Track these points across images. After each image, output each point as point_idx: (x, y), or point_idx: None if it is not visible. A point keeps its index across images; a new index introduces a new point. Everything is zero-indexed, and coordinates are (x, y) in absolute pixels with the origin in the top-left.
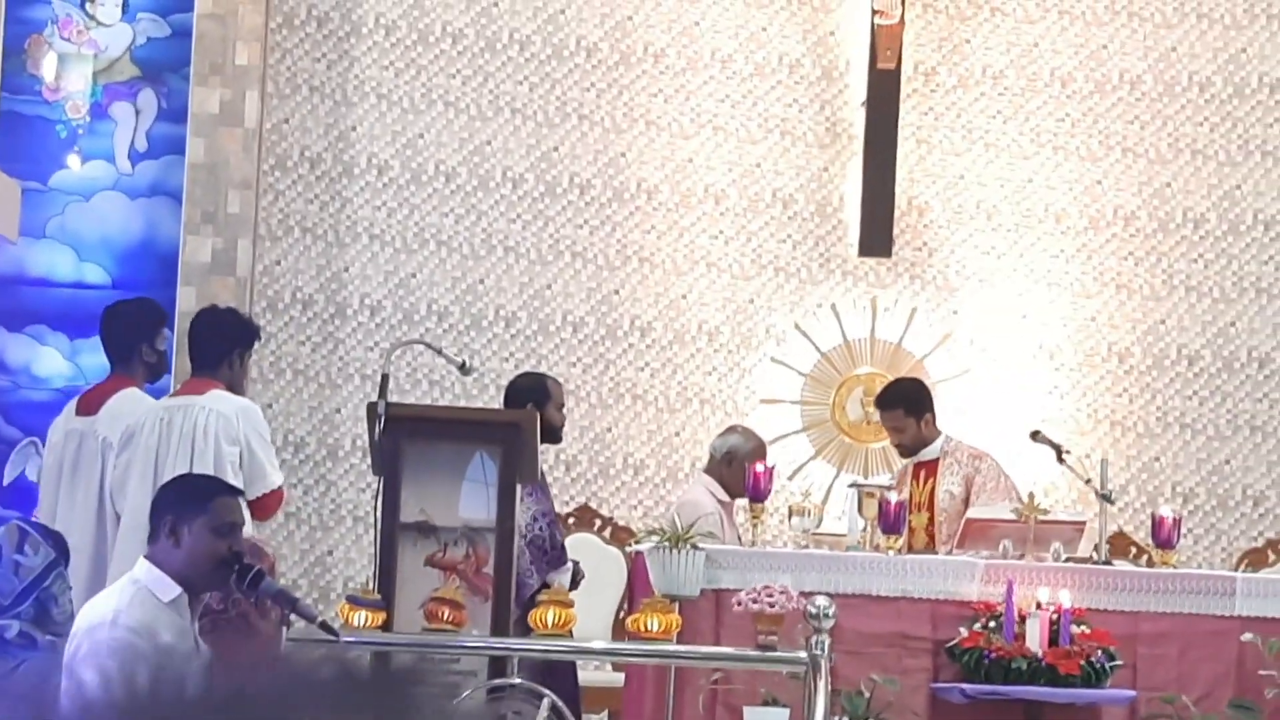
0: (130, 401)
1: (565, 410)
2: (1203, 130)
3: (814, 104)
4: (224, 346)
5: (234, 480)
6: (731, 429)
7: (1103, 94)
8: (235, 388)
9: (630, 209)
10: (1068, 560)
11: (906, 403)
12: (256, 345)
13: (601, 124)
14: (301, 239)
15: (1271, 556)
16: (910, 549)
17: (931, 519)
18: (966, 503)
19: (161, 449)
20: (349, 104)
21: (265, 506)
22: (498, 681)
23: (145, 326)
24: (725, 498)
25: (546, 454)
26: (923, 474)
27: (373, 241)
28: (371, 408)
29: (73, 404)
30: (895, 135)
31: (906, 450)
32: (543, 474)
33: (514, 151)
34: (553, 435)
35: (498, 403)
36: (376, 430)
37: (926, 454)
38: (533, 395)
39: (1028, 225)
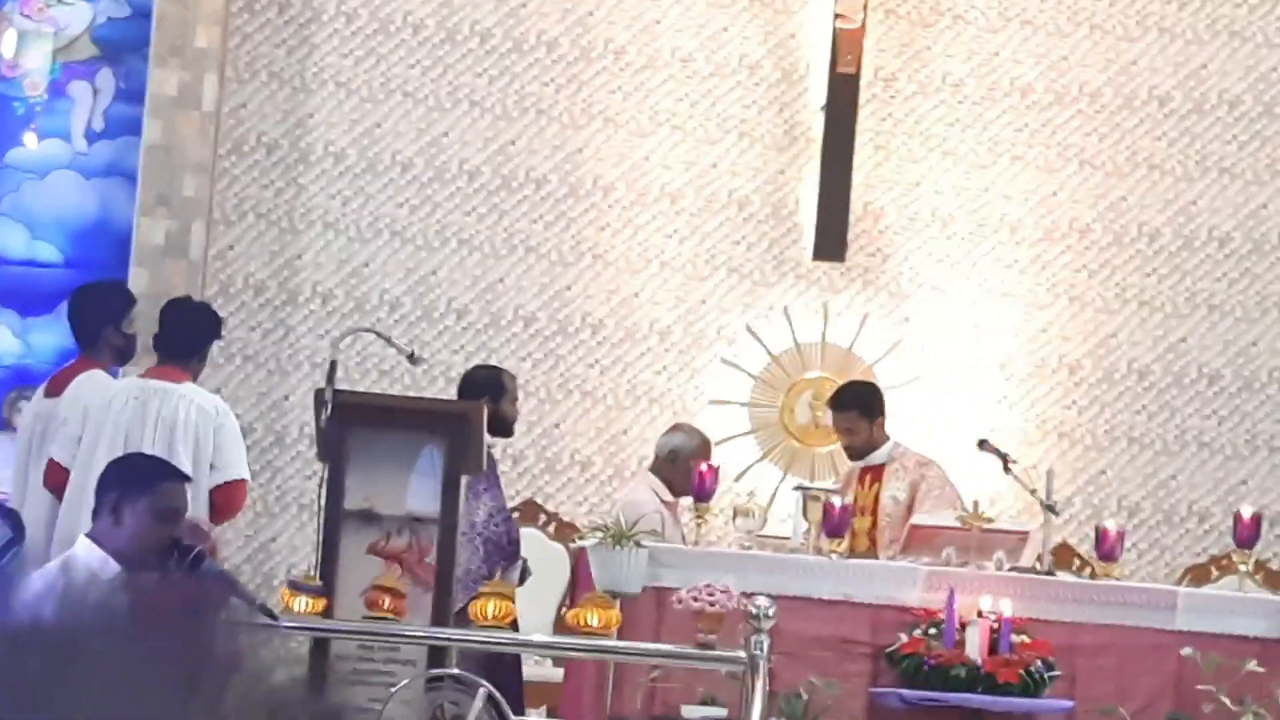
0: (92, 383)
1: (518, 405)
2: (1160, 145)
3: (773, 106)
4: (198, 341)
5: (199, 474)
6: (676, 427)
7: (1062, 105)
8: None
9: (585, 205)
10: (1011, 570)
11: (861, 405)
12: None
13: (559, 119)
14: (255, 224)
15: (1215, 572)
16: (852, 553)
17: (874, 524)
18: (910, 509)
19: (135, 429)
20: (307, 91)
21: (231, 498)
22: (436, 671)
23: (113, 309)
24: (669, 497)
25: (494, 448)
26: (868, 478)
27: (326, 230)
28: (319, 394)
29: (43, 386)
30: (853, 140)
31: (856, 453)
32: (495, 467)
33: (471, 144)
34: (505, 429)
35: (448, 394)
36: (323, 417)
37: (874, 458)
38: (488, 388)
39: (982, 234)
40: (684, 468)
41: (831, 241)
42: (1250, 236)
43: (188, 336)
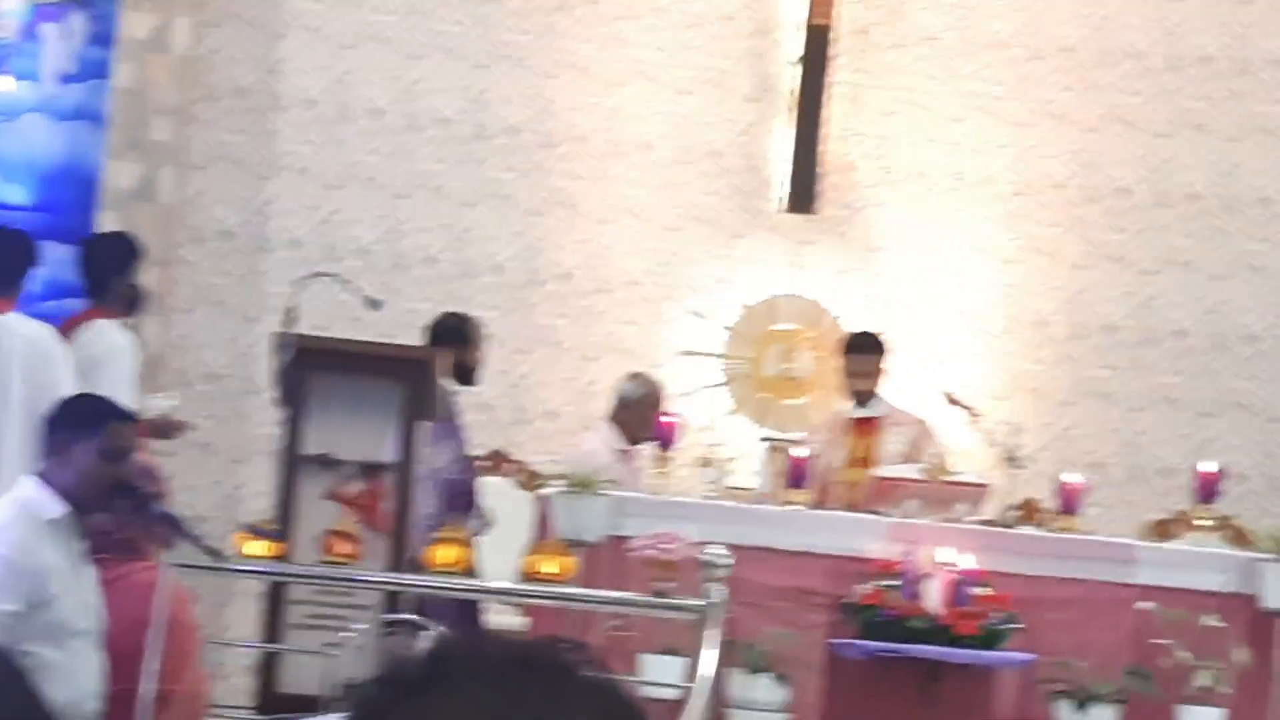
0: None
1: (482, 353)
2: (1135, 101)
3: (746, 58)
4: (109, 271)
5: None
6: (629, 375)
7: (1037, 61)
8: (128, 310)
9: (558, 155)
10: (975, 523)
11: (884, 352)
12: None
13: (533, 69)
14: (226, 170)
15: (1179, 529)
16: (854, 507)
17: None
18: (908, 461)
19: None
20: (280, 36)
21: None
22: (390, 616)
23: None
24: (624, 445)
25: (459, 395)
26: (863, 430)
27: (298, 176)
28: (278, 338)
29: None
30: (826, 93)
31: (863, 398)
32: (459, 415)
33: (444, 92)
34: (469, 378)
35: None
36: (283, 361)
37: (872, 409)
38: (457, 336)
39: (955, 189)
40: (636, 415)
41: (803, 194)
42: (1222, 195)
43: (97, 270)
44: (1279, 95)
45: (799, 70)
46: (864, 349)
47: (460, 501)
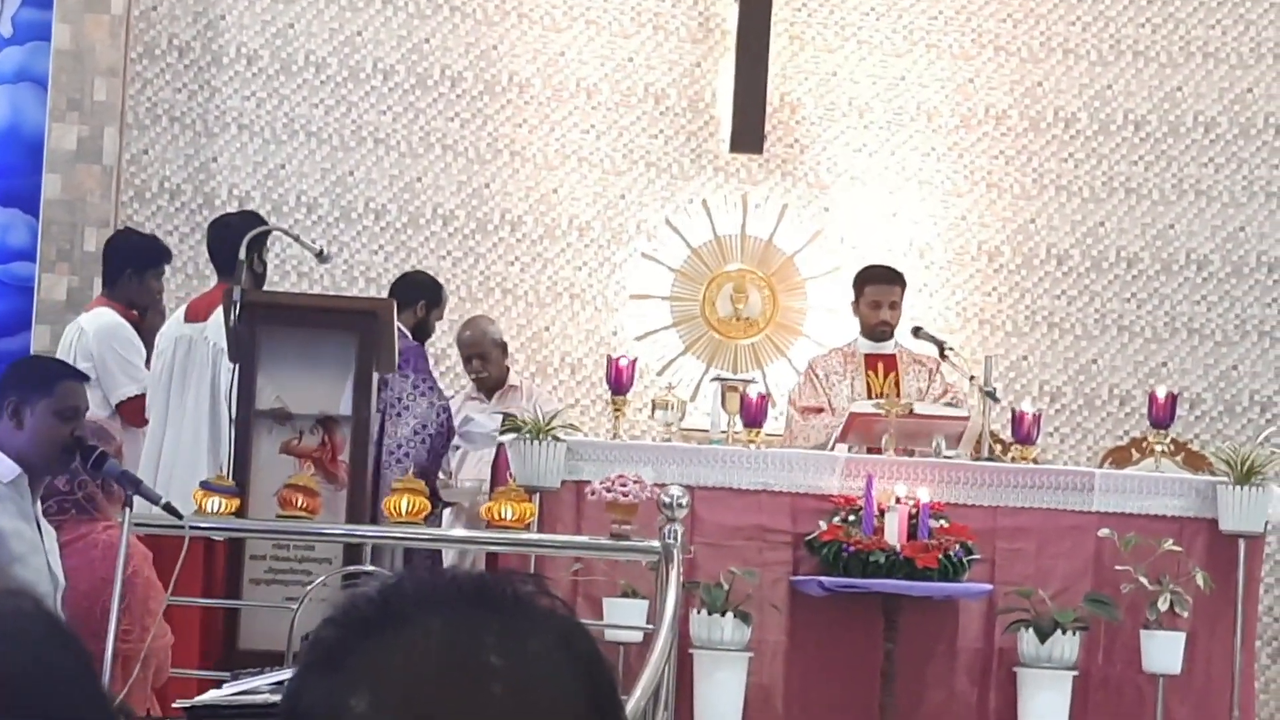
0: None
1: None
2: (1074, 29)
3: None
4: (118, 264)
5: None
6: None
7: None
8: (137, 304)
9: (502, 102)
10: (942, 456)
11: (905, 284)
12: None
13: (473, 16)
14: (169, 128)
15: (1135, 455)
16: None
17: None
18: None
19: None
20: None
21: (126, 414)
22: (351, 569)
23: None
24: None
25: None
26: (881, 366)
27: (241, 132)
28: (227, 294)
29: (181, 311)
30: (768, 31)
31: (885, 335)
32: (428, 364)
33: (385, 42)
34: (425, 336)
35: (368, 295)
36: (232, 317)
37: (885, 347)
38: (425, 294)
39: (899, 123)
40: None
41: (749, 133)
42: (1166, 119)
43: (110, 263)
44: (1218, 18)
45: (740, 8)
46: (889, 280)
47: (443, 449)
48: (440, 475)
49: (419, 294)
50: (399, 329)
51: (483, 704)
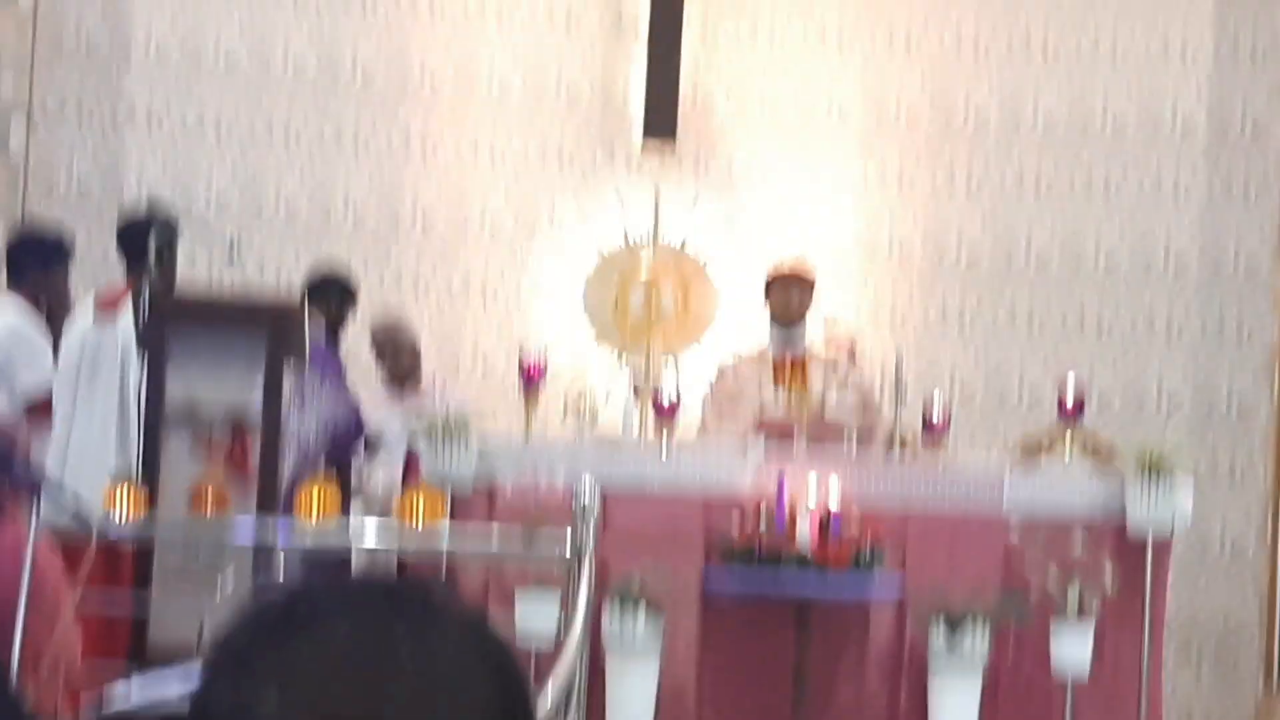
0: None
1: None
2: (984, 27)
3: None
4: (24, 260)
5: None
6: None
7: None
8: (44, 300)
9: (414, 99)
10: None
11: (814, 280)
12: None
13: (384, 12)
14: (77, 123)
15: (1046, 450)
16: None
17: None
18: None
19: None
20: None
21: (34, 415)
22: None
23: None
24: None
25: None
26: (789, 368)
27: (151, 127)
28: (136, 290)
29: (90, 306)
30: (680, 27)
31: (795, 320)
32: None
33: (297, 37)
34: (337, 332)
35: (278, 292)
36: (142, 313)
37: (795, 342)
38: (338, 290)
39: (811, 120)
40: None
41: (661, 129)
42: (1076, 119)
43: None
44: (1128, 19)
45: (652, 4)
46: (796, 272)
47: (343, 442)
48: (352, 475)
49: (331, 290)
50: (310, 325)
51: (390, 704)
